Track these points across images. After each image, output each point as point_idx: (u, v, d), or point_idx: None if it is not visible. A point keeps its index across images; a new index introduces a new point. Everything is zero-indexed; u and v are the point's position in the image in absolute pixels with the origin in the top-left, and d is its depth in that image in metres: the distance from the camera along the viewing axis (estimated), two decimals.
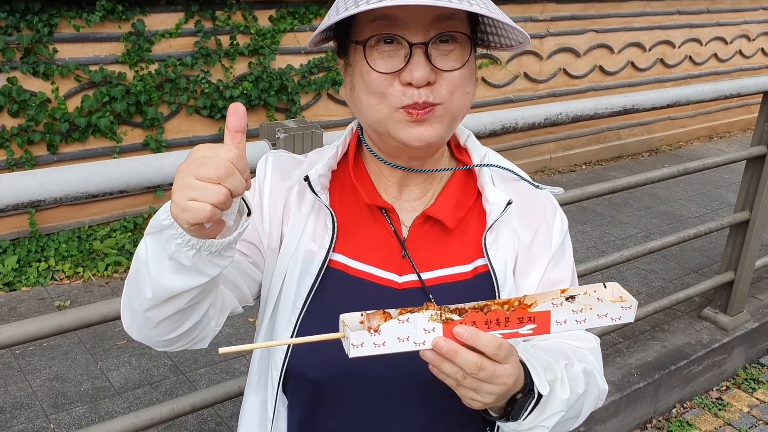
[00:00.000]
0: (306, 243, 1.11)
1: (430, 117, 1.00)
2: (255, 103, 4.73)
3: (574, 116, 2.51)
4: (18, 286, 3.98)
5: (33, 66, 3.98)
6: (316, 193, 1.08)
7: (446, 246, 1.12)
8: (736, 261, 3.61)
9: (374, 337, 0.86)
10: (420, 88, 0.97)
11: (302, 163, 1.18)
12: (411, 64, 0.96)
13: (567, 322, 0.90)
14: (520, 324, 0.89)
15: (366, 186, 1.13)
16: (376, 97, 1.00)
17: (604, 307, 0.90)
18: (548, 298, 0.91)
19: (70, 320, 1.79)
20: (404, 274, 1.10)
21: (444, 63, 0.99)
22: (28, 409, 3.01)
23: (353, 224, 1.12)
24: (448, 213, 1.11)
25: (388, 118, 1.01)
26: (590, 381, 1.09)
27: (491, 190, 1.12)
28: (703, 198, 5.94)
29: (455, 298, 1.06)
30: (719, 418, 3.40)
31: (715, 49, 7.65)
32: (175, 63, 4.39)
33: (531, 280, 1.14)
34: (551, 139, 6.40)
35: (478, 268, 1.11)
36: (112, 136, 4.31)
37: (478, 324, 0.88)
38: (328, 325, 1.06)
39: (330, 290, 1.10)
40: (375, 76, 0.99)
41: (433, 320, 0.87)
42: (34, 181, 1.65)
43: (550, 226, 1.17)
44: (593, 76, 6.64)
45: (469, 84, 1.03)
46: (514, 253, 1.13)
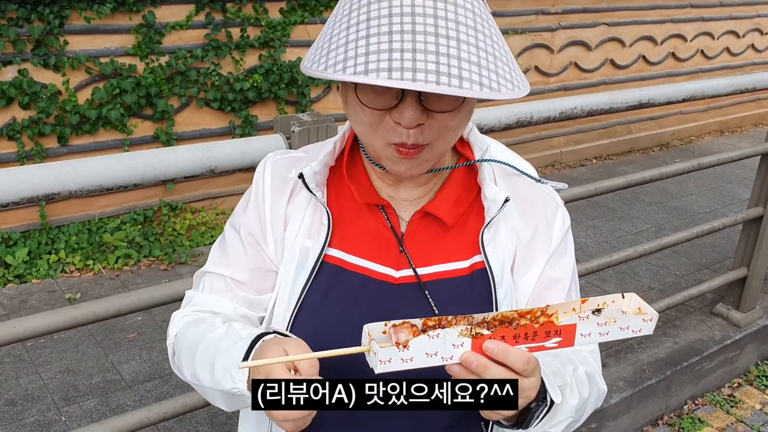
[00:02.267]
0: (302, 239, 1.11)
1: (418, 157, 0.98)
2: (265, 96, 4.72)
3: (590, 110, 2.49)
4: (28, 278, 3.99)
5: (44, 58, 3.97)
6: (311, 191, 1.08)
7: (444, 242, 1.11)
8: (749, 257, 3.59)
9: (402, 352, 0.84)
10: (410, 129, 0.94)
11: (301, 160, 1.16)
12: (402, 105, 0.93)
13: (591, 335, 0.90)
14: (547, 338, 0.89)
15: (362, 183, 1.12)
16: (368, 128, 0.98)
17: (627, 319, 0.90)
18: (569, 308, 0.91)
19: (84, 314, 1.79)
20: (401, 269, 1.09)
21: (437, 105, 0.94)
22: (40, 402, 3.02)
23: (350, 219, 1.12)
24: (447, 209, 1.10)
25: (381, 151, 1.00)
26: (592, 383, 1.10)
27: (489, 186, 1.10)
28: (715, 193, 5.90)
29: (452, 295, 1.08)
30: (731, 415, 3.38)
31: (727, 42, 7.59)
32: (185, 55, 4.38)
33: (529, 278, 1.12)
34: (562, 133, 6.36)
35: (475, 264, 1.10)
36: (122, 128, 4.31)
37: (506, 338, 0.87)
38: (324, 321, 1.07)
39: (326, 285, 1.09)
40: (367, 111, 0.96)
41: (463, 335, 0.86)
42: (49, 175, 1.65)
43: (551, 223, 1.15)
44: (604, 69, 6.60)
45: (459, 123, 0.99)
46: (513, 251, 1.11)
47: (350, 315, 1.07)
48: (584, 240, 4.80)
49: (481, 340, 0.86)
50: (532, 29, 5.91)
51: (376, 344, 0.85)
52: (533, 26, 5.90)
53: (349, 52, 0.87)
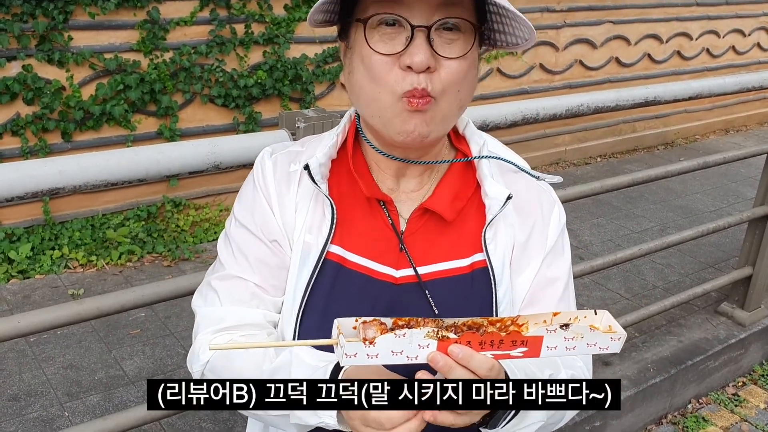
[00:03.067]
0: (304, 234, 1.09)
1: (427, 110, 0.98)
2: (269, 92, 4.71)
3: (596, 107, 2.48)
4: (32, 273, 3.99)
5: (48, 53, 3.97)
6: (316, 183, 1.06)
7: (444, 239, 1.10)
8: (754, 256, 3.57)
9: (368, 348, 0.86)
10: (419, 74, 0.95)
11: (299, 154, 1.15)
12: (412, 46, 0.95)
13: (557, 348, 0.91)
14: (512, 347, 0.89)
15: (364, 177, 1.11)
16: (375, 83, 0.98)
17: (594, 336, 0.91)
18: (540, 320, 0.92)
19: (87, 309, 1.79)
20: (401, 268, 1.08)
21: (446, 50, 0.97)
22: (43, 397, 3.02)
23: (351, 215, 1.10)
24: (445, 205, 1.09)
25: (390, 108, 0.99)
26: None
27: (490, 183, 1.10)
28: (719, 192, 5.88)
29: (452, 294, 1.07)
30: (735, 414, 3.36)
31: (732, 41, 7.56)
32: (189, 51, 4.37)
33: (525, 277, 1.12)
34: (566, 131, 6.35)
35: (475, 263, 1.09)
36: (126, 124, 4.30)
37: (472, 344, 0.88)
38: (325, 321, 1.03)
39: (327, 284, 1.07)
40: (375, 59, 0.97)
41: (429, 337, 0.87)
42: (53, 169, 1.64)
43: (547, 221, 1.14)
44: (609, 67, 6.58)
45: (465, 81, 1.01)
46: (511, 249, 1.11)
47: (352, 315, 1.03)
48: (589, 238, 4.79)
49: (447, 343, 0.88)
50: (537, 27, 5.89)
51: (343, 338, 0.87)
52: (538, 24, 5.88)
53: None
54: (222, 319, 1.10)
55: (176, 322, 3.61)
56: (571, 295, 1.17)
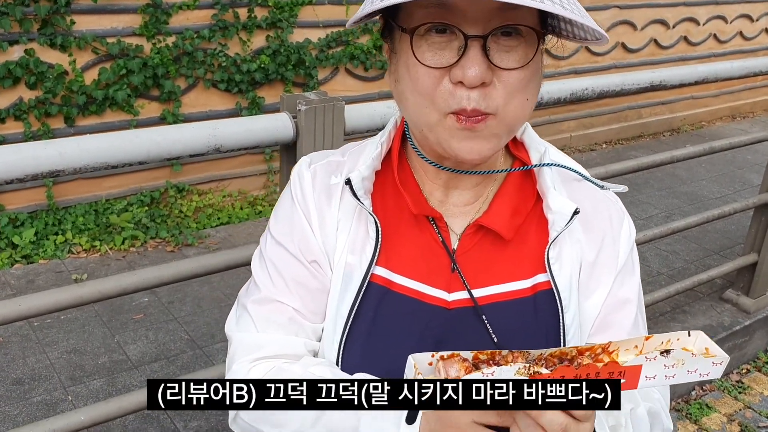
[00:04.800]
0: (345, 255, 0.99)
1: (483, 128, 0.86)
2: (272, 77, 4.69)
3: (601, 92, 2.46)
4: (35, 258, 3.99)
5: (50, 38, 3.95)
6: (358, 199, 0.96)
7: (502, 259, 0.99)
8: (759, 243, 3.55)
9: None
10: (472, 90, 0.84)
11: (340, 164, 1.04)
12: (465, 59, 0.83)
13: (656, 377, 0.82)
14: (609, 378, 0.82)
15: (411, 190, 1.00)
16: (423, 98, 0.87)
17: (696, 362, 0.82)
18: (630, 345, 0.84)
19: (88, 292, 1.78)
20: (454, 291, 0.98)
21: (504, 60, 0.85)
22: (46, 381, 3.02)
23: (397, 233, 1.00)
24: (504, 222, 0.98)
25: (438, 125, 0.88)
26: (655, 422, 1.01)
27: (554, 195, 0.98)
28: (725, 179, 5.85)
29: (512, 319, 0.97)
30: (739, 401, 3.36)
31: (740, 26, 7.49)
32: (192, 36, 4.34)
33: (595, 300, 1.01)
34: (572, 117, 6.31)
35: (538, 285, 0.98)
36: (129, 109, 4.29)
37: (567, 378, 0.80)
38: (369, 350, 0.96)
39: (372, 309, 0.97)
40: (422, 72, 0.86)
41: (520, 374, 0.78)
42: (53, 151, 1.63)
43: (617, 235, 1.03)
44: (615, 53, 6.52)
45: (530, 88, 0.88)
46: (578, 268, 1.00)
47: (398, 344, 0.96)
48: None
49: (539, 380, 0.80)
50: None
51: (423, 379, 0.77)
52: None
53: None
54: (260, 346, 1.01)
55: (179, 306, 3.61)
56: (643, 319, 1.07)
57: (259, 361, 1.01)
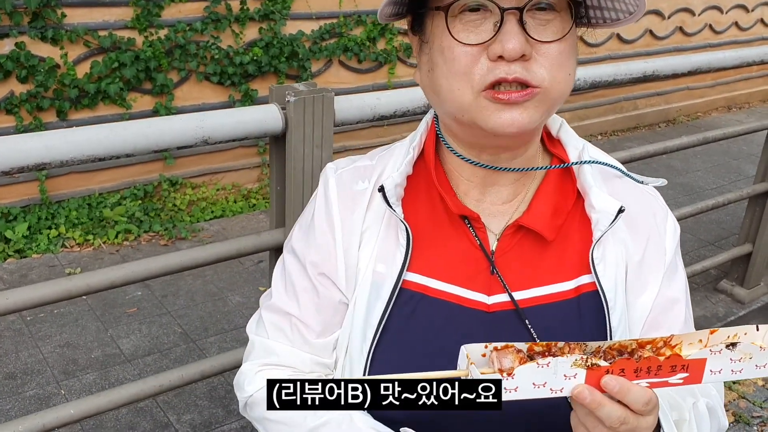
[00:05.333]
0: (374, 264, 0.97)
1: (527, 101, 0.85)
2: (265, 70, 4.67)
3: (593, 82, 2.45)
4: (29, 253, 3.98)
5: (41, 31, 3.93)
6: (391, 206, 0.94)
7: (543, 260, 0.97)
8: (754, 233, 3.55)
9: (506, 381, 0.75)
10: (512, 63, 0.82)
11: (369, 169, 1.02)
12: (502, 33, 0.82)
13: (722, 371, 0.79)
14: (672, 373, 0.79)
15: (446, 192, 0.97)
16: (458, 78, 0.85)
17: (765, 356, 0.78)
18: (695, 339, 0.81)
19: (77, 286, 1.77)
20: (493, 294, 0.95)
21: (541, 34, 0.84)
22: (39, 375, 3.02)
23: (431, 237, 0.97)
24: (545, 222, 0.95)
25: (472, 105, 0.86)
26: (713, 418, 0.99)
27: (597, 194, 0.96)
28: (721, 169, 5.85)
29: (555, 321, 0.95)
30: (733, 391, 3.36)
31: (736, 17, 7.48)
32: (184, 28, 4.32)
33: (645, 300, 0.98)
34: (567, 109, 6.30)
35: (582, 286, 0.96)
36: (121, 102, 4.27)
37: (627, 372, 0.78)
38: (408, 358, 0.94)
39: (406, 315, 0.95)
40: (459, 51, 0.84)
41: (577, 365, 0.76)
42: (39, 144, 1.62)
43: (662, 232, 1.00)
44: (610, 44, 6.51)
45: (569, 63, 0.88)
46: (624, 268, 0.97)
47: (437, 350, 0.93)
48: None
49: (597, 373, 0.77)
50: None
51: (476, 369, 0.76)
52: None
53: None
54: (271, 353, 1.04)
55: (173, 300, 3.60)
56: (691, 318, 1.05)
57: (267, 366, 1.04)
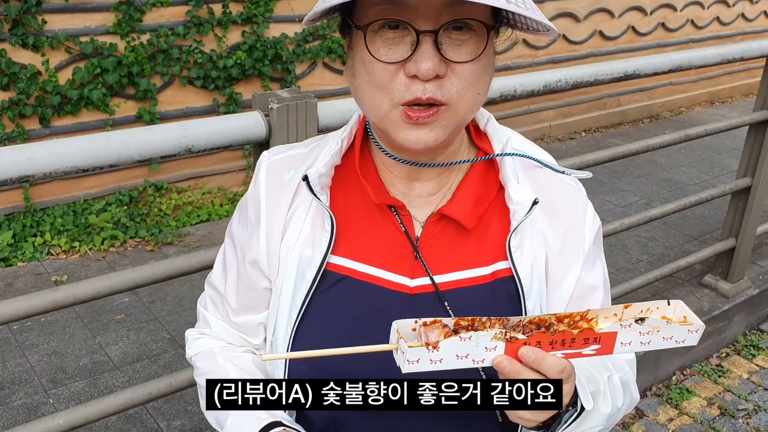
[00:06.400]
0: (301, 248, 1.02)
1: (432, 121, 0.89)
2: (249, 73, 4.66)
3: (574, 83, 2.46)
4: (14, 261, 3.96)
5: (22, 38, 3.90)
6: (315, 194, 0.99)
7: (463, 247, 1.02)
8: (737, 228, 3.59)
9: (432, 353, 0.81)
10: (427, 82, 0.86)
11: (302, 157, 1.07)
12: (417, 53, 0.85)
13: (632, 343, 0.86)
14: (585, 345, 0.85)
15: (373, 182, 1.03)
16: (378, 90, 0.89)
17: (671, 329, 0.85)
18: (610, 313, 0.87)
19: (63, 297, 1.77)
20: (416, 278, 1.01)
21: (456, 54, 0.87)
22: (27, 385, 3.00)
23: (359, 224, 1.03)
24: (465, 212, 1.01)
25: (387, 116, 0.91)
26: (626, 392, 1.06)
27: (515, 186, 1.01)
28: (705, 164, 5.90)
29: (472, 304, 1.00)
30: (719, 384, 3.40)
31: (717, 12, 7.53)
32: (167, 33, 4.31)
33: (566, 286, 1.04)
34: (551, 107, 6.33)
35: (498, 272, 1.01)
36: (104, 108, 4.25)
37: (543, 344, 0.84)
38: (332, 336, 1.00)
39: (332, 297, 1.01)
40: (378, 67, 0.88)
41: (497, 339, 0.83)
42: (22, 156, 1.61)
43: (582, 223, 1.05)
44: (593, 41, 6.54)
45: (481, 82, 0.91)
46: (542, 257, 1.02)
47: (360, 329, 0.99)
48: None
49: (515, 345, 0.83)
50: None
51: (404, 343, 0.82)
52: None
53: None
54: (207, 324, 1.17)
55: (160, 306, 3.59)
56: (609, 304, 1.10)
57: (204, 335, 1.17)
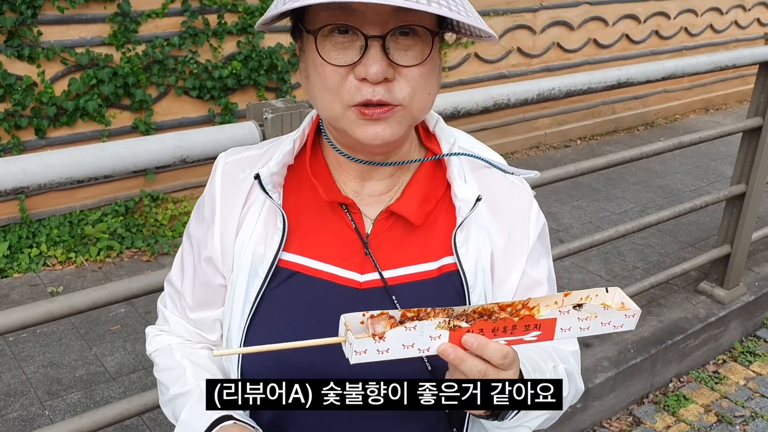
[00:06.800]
0: (254, 245, 1.05)
1: (388, 116, 0.93)
2: (245, 83, 4.67)
3: (567, 91, 2.47)
4: (10, 272, 3.95)
5: (17, 49, 3.91)
6: (267, 193, 1.02)
7: (411, 243, 1.06)
8: (732, 234, 3.60)
9: (378, 343, 0.84)
10: (376, 85, 0.91)
11: (256, 158, 1.11)
12: (366, 57, 0.89)
13: (571, 329, 0.89)
14: (525, 331, 0.88)
15: (325, 180, 1.06)
16: (330, 93, 0.93)
17: (609, 315, 0.89)
18: (551, 301, 0.90)
19: (59, 308, 1.77)
20: (366, 273, 1.05)
21: (403, 58, 0.91)
22: (23, 397, 2.99)
23: (310, 221, 1.06)
24: (413, 209, 1.05)
25: (343, 116, 0.94)
26: (571, 382, 1.09)
27: (459, 185, 1.05)
28: (700, 171, 5.92)
29: (420, 298, 1.03)
30: (716, 391, 3.40)
31: (710, 19, 7.58)
32: (162, 44, 4.32)
33: (512, 280, 1.08)
34: (546, 115, 6.35)
35: (444, 266, 1.05)
36: (100, 119, 4.26)
37: (485, 331, 0.86)
38: (283, 330, 1.03)
39: (284, 293, 1.04)
40: (328, 70, 0.92)
41: (441, 327, 0.86)
42: (17, 168, 1.62)
43: (526, 220, 1.10)
44: (587, 49, 6.57)
45: (430, 83, 0.96)
46: (488, 253, 1.06)
47: (311, 323, 1.02)
48: (569, 221, 4.80)
49: (459, 333, 0.86)
50: (514, 10, 5.87)
51: (352, 335, 0.84)
52: (515, 7, 5.86)
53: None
54: (166, 321, 1.21)
55: (156, 317, 3.58)
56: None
57: (163, 332, 1.21)
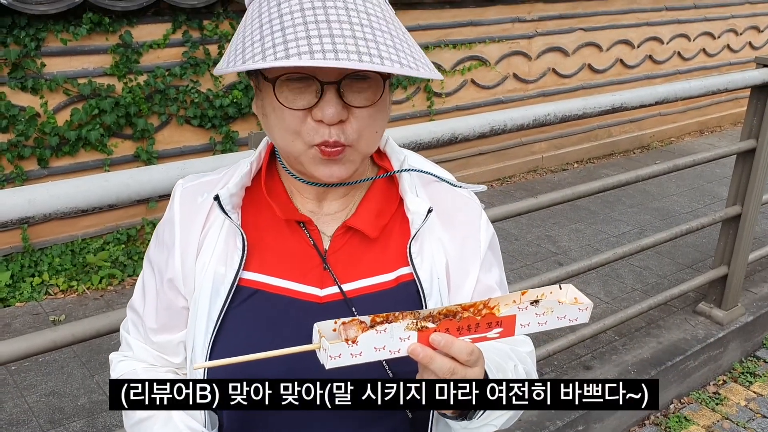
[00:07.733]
0: (215, 266, 1.08)
1: (342, 157, 1.00)
2: (245, 111, 4.73)
3: (563, 116, 2.52)
4: (12, 302, 3.97)
5: (21, 81, 3.97)
6: (226, 213, 1.06)
7: (368, 256, 1.11)
8: (729, 255, 3.63)
9: (351, 347, 0.88)
10: (332, 126, 0.97)
11: (213, 183, 1.15)
12: (323, 101, 0.95)
13: (530, 324, 0.95)
14: (488, 328, 0.93)
15: (281, 200, 1.11)
16: (290, 133, 0.99)
17: (563, 309, 0.95)
18: (509, 300, 0.95)
19: (62, 336, 1.79)
20: (326, 287, 1.09)
21: (356, 100, 0.98)
22: (25, 426, 3.00)
23: (269, 240, 1.10)
24: (368, 223, 1.10)
25: (303, 154, 1.00)
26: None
27: (411, 198, 1.11)
28: (695, 193, 5.96)
29: (378, 308, 1.05)
30: (717, 412, 3.40)
31: (703, 44, 7.68)
32: (163, 74, 4.38)
33: (468, 287, 1.13)
34: (543, 139, 6.41)
35: (401, 276, 1.10)
36: (102, 148, 4.30)
37: (450, 330, 0.92)
38: (247, 347, 1.05)
39: (246, 311, 1.08)
40: (287, 113, 0.97)
41: (409, 329, 0.90)
42: (22, 199, 1.65)
43: (476, 229, 1.16)
44: (582, 74, 6.65)
45: (378, 122, 1.02)
46: (442, 262, 1.12)
47: (275, 339, 1.05)
48: (567, 243, 4.83)
49: (427, 333, 0.91)
50: (509, 37, 5.96)
51: (326, 341, 0.88)
52: (510, 34, 5.95)
53: (266, 44, 0.90)
54: (129, 347, 1.21)
55: None
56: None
57: (127, 358, 1.21)
